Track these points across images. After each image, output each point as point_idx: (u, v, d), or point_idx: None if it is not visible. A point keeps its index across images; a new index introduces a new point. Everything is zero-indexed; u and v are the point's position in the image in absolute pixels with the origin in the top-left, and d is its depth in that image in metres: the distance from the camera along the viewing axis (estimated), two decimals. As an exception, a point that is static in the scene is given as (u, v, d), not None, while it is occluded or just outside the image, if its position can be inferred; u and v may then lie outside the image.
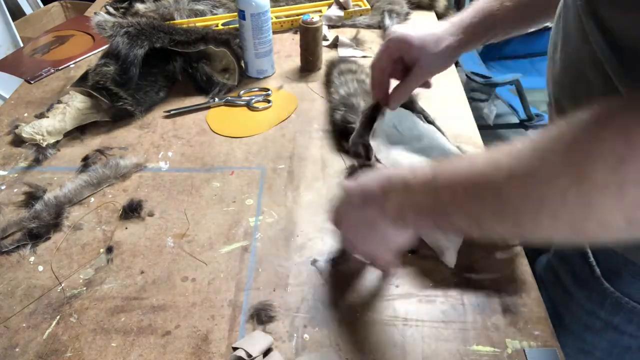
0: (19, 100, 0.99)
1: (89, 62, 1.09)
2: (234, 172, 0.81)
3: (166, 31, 0.93)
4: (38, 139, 0.83)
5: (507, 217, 0.41)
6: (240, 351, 0.54)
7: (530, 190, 0.38)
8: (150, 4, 1.22)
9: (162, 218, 0.73)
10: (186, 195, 0.77)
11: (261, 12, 0.95)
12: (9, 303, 0.62)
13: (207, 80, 0.98)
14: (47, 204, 0.73)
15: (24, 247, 0.69)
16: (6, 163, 0.84)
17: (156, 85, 0.96)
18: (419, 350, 0.56)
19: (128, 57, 0.88)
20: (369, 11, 1.24)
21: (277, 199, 0.76)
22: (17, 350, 0.57)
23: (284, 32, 1.21)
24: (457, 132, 0.87)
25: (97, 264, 0.66)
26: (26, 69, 1.08)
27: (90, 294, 0.63)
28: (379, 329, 0.58)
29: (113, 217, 0.73)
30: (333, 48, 1.13)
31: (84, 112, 0.89)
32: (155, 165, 0.83)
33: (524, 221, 0.39)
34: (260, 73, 1.04)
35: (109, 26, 0.92)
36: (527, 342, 0.56)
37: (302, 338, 0.57)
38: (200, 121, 0.93)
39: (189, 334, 0.58)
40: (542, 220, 0.38)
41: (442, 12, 1.29)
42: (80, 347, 0.57)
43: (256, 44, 0.99)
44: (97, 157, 0.84)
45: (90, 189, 0.77)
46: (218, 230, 0.71)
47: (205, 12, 1.22)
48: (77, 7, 2.09)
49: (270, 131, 0.90)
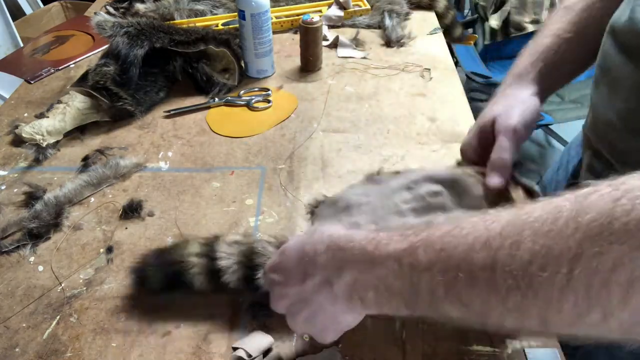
0: (19, 100, 0.99)
1: (89, 62, 1.09)
2: (234, 172, 0.81)
3: (166, 31, 0.93)
4: (38, 139, 0.83)
5: (530, 311, 0.32)
6: (240, 351, 0.54)
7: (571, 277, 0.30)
8: (150, 4, 1.22)
9: (162, 218, 0.73)
10: (186, 195, 0.77)
11: (261, 12, 0.95)
12: (9, 303, 0.62)
13: (207, 80, 0.98)
14: (47, 204, 0.73)
15: (24, 247, 0.68)
16: (6, 163, 0.84)
17: (156, 85, 0.96)
18: (419, 350, 0.56)
19: (128, 57, 0.88)
20: (369, 11, 1.24)
21: (277, 199, 0.76)
22: (17, 350, 0.57)
23: (284, 32, 1.21)
24: (457, 132, 0.87)
25: (97, 264, 0.66)
26: (26, 69, 1.08)
27: (90, 294, 0.63)
28: (379, 329, 0.58)
29: (113, 217, 0.73)
30: (333, 48, 1.13)
31: (84, 112, 0.89)
32: (155, 165, 0.83)
33: (551, 316, 0.32)
34: (260, 73, 1.04)
35: (109, 26, 0.92)
36: (527, 342, 0.56)
37: (302, 338, 0.57)
38: (200, 121, 0.93)
39: (189, 334, 0.58)
40: (589, 315, 0.30)
41: (442, 12, 1.29)
42: (80, 347, 0.57)
43: (256, 44, 0.99)
44: (97, 157, 0.84)
45: (90, 189, 0.77)
46: (218, 230, 0.71)
47: (205, 12, 1.22)
48: (77, 7, 2.08)
49: (270, 131, 0.90)
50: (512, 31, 2.11)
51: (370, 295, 0.40)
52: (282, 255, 0.47)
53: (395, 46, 1.13)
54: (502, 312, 0.34)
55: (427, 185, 0.57)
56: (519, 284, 0.32)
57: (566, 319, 0.31)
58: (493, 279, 0.33)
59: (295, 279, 0.45)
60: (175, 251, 0.61)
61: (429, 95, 0.98)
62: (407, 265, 0.37)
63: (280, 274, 0.46)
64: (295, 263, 0.45)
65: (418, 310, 0.38)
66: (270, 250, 0.59)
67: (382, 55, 1.11)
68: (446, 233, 0.36)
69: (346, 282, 0.41)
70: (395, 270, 0.38)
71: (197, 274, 0.59)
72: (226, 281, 0.59)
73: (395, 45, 1.13)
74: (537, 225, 0.32)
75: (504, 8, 2.09)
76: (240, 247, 0.60)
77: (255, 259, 0.58)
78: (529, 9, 2.10)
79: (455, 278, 0.35)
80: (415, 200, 0.57)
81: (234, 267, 0.59)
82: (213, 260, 0.59)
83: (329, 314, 0.44)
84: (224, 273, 0.59)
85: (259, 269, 0.58)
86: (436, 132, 0.88)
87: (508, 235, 0.33)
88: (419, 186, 0.58)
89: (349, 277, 0.40)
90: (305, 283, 0.43)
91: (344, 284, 0.41)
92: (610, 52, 0.55)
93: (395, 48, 1.13)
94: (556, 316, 0.31)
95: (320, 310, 0.44)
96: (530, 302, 0.32)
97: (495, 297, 0.33)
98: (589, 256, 0.29)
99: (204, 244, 0.61)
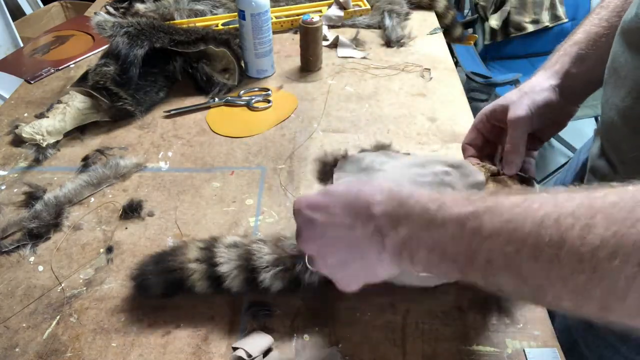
0: (19, 100, 0.99)
1: (89, 62, 1.09)
2: (234, 172, 0.81)
3: (166, 31, 0.93)
4: (38, 139, 0.83)
5: (591, 295, 0.32)
6: (240, 351, 0.54)
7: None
8: (150, 4, 1.22)
9: (162, 218, 0.73)
10: (186, 195, 0.77)
11: (261, 12, 0.95)
12: (9, 303, 0.62)
13: (207, 80, 0.98)
14: (47, 204, 0.73)
15: (24, 247, 0.68)
16: (6, 163, 0.84)
17: (156, 85, 0.96)
18: (419, 350, 0.56)
19: (128, 57, 0.88)
20: (369, 11, 1.24)
21: (277, 199, 0.76)
22: (17, 350, 0.57)
23: (284, 32, 1.21)
24: (457, 132, 0.87)
25: (97, 264, 0.66)
26: (26, 69, 1.08)
27: (90, 294, 0.63)
28: (379, 329, 0.58)
29: (113, 217, 0.73)
30: (333, 48, 1.13)
31: (84, 112, 0.89)
32: (155, 165, 0.83)
33: (613, 303, 0.31)
34: (260, 73, 1.04)
35: (109, 26, 0.92)
36: (527, 342, 0.56)
37: (302, 338, 0.57)
38: (200, 121, 0.93)
39: (189, 334, 0.58)
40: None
41: (442, 12, 1.29)
42: (80, 347, 0.57)
43: (256, 44, 0.99)
44: (97, 157, 0.84)
45: (90, 189, 0.77)
46: (218, 230, 0.71)
47: (205, 12, 1.22)
48: (77, 7, 2.09)
49: (270, 131, 0.90)
50: (512, 31, 2.11)
51: (422, 254, 0.39)
52: (327, 196, 0.45)
53: (395, 46, 1.13)
54: (561, 291, 0.33)
55: (437, 165, 0.60)
56: (584, 267, 0.31)
57: (628, 310, 0.31)
58: (558, 258, 0.32)
59: (341, 220, 0.43)
60: (174, 257, 0.61)
61: (429, 95, 0.98)
62: (469, 230, 0.36)
63: (323, 212, 0.45)
64: (345, 205, 0.43)
65: (470, 277, 0.38)
66: (265, 250, 0.59)
67: (382, 55, 1.11)
68: (515, 205, 0.35)
69: (401, 237, 0.40)
70: (456, 234, 0.37)
71: (197, 280, 0.59)
72: (228, 286, 0.59)
73: (395, 45, 1.13)
74: (612, 211, 0.31)
75: (504, 8, 2.09)
76: (239, 251, 0.60)
77: (253, 260, 0.59)
78: (529, 9, 2.10)
79: (518, 251, 0.34)
80: (429, 176, 0.59)
81: (234, 272, 0.59)
82: (213, 266, 0.59)
83: (369, 263, 0.43)
84: (225, 279, 0.59)
85: (259, 271, 0.58)
86: (436, 132, 0.88)
87: (580, 216, 0.32)
88: (431, 165, 0.61)
89: (404, 232, 0.40)
90: (355, 228, 0.42)
91: (398, 238, 0.40)
92: (618, 50, 0.54)
93: (395, 48, 1.13)
94: (618, 305, 0.31)
95: (360, 257, 0.43)
96: (593, 286, 0.31)
97: (557, 275, 0.33)
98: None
99: (203, 248, 0.61)
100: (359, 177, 0.63)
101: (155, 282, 0.60)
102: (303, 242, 0.47)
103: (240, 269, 0.59)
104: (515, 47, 2.18)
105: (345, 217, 0.43)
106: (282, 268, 0.58)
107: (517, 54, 2.20)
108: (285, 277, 0.59)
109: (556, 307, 0.36)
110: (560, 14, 2.12)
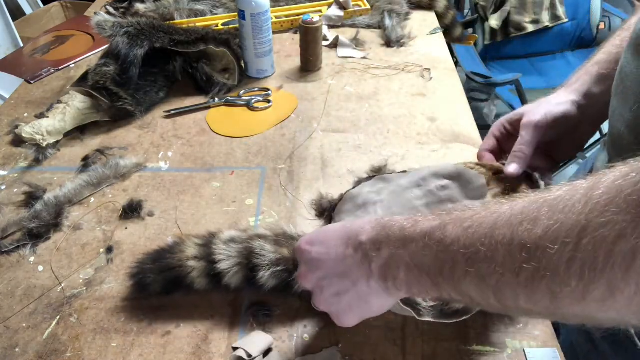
0: (19, 100, 0.99)
1: (89, 62, 1.09)
2: (234, 172, 0.81)
3: (166, 31, 0.93)
4: (38, 139, 0.83)
5: (540, 286, 0.33)
6: (240, 351, 0.54)
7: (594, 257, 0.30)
8: (150, 4, 1.22)
9: (162, 218, 0.73)
10: (186, 195, 0.77)
11: (261, 12, 0.95)
12: (9, 303, 0.62)
13: (207, 80, 0.98)
14: (47, 204, 0.73)
15: (24, 247, 0.68)
16: (6, 163, 0.84)
17: (156, 85, 0.96)
18: (419, 350, 0.56)
19: (128, 57, 0.88)
20: (369, 11, 1.24)
21: (277, 199, 0.76)
22: (17, 350, 0.57)
23: (284, 32, 1.21)
24: (457, 132, 0.87)
25: (97, 264, 0.66)
26: (26, 69, 1.08)
27: (90, 294, 0.63)
28: (379, 329, 0.58)
29: (113, 217, 0.73)
30: (333, 48, 1.13)
31: (84, 112, 0.89)
32: (155, 165, 0.83)
33: (559, 290, 0.32)
34: (260, 73, 1.04)
35: (109, 26, 0.92)
36: (527, 342, 0.56)
37: (302, 338, 0.57)
38: (200, 121, 0.93)
39: (189, 334, 0.58)
40: (596, 288, 0.30)
41: (442, 12, 1.29)
42: (80, 347, 0.57)
43: (256, 44, 0.99)
44: (97, 157, 0.84)
45: (90, 189, 0.77)
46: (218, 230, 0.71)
47: (205, 12, 1.22)
48: (77, 7, 2.08)
49: (270, 131, 0.90)
50: (512, 31, 2.11)
51: (402, 274, 0.41)
52: (323, 232, 0.48)
53: (395, 46, 1.13)
54: (516, 288, 0.34)
55: (434, 180, 0.62)
56: (531, 257, 0.33)
57: (574, 294, 0.32)
58: (510, 253, 0.34)
59: (335, 252, 0.46)
60: (172, 254, 0.61)
61: (429, 95, 0.98)
62: (435, 241, 0.39)
63: (319, 246, 0.47)
64: (339, 238, 0.46)
65: (443, 290, 0.40)
66: (268, 249, 0.59)
67: (382, 55, 1.11)
68: (475, 213, 0.38)
69: (383, 258, 0.42)
70: (425, 246, 0.39)
71: (196, 278, 0.60)
72: (227, 283, 0.59)
73: (395, 45, 1.13)
74: (555, 202, 0.33)
75: (504, 8, 2.09)
76: (238, 247, 0.60)
77: (254, 259, 0.59)
78: (529, 9, 2.10)
79: (476, 253, 0.36)
80: (426, 196, 0.61)
81: (234, 269, 0.59)
82: (212, 263, 0.59)
83: (360, 292, 0.45)
84: (225, 276, 0.59)
85: (259, 270, 0.58)
86: (436, 132, 0.88)
87: (528, 212, 0.34)
88: (427, 182, 0.62)
89: (386, 253, 0.42)
90: (346, 257, 0.45)
91: (381, 260, 0.42)
92: (627, 61, 0.54)
93: (395, 48, 1.13)
94: (564, 290, 0.32)
95: (352, 287, 0.45)
96: (541, 277, 0.32)
97: (510, 271, 0.34)
98: (594, 227, 0.30)
99: (201, 245, 0.62)
100: (358, 215, 0.64)
101: (155, 281, 0.60)
102: (302, 277, 0.50)
103: (241, 266, 0.59)
104: (515, 47, 2.18)
105: (339, 248, 0.46)
106: (283, 268, 0.59)
107: (517, 54, 2.20)
108: (284, 278, 0.59)
109: (516, 309, 0.37)
110: (560, 14, 2.12)
